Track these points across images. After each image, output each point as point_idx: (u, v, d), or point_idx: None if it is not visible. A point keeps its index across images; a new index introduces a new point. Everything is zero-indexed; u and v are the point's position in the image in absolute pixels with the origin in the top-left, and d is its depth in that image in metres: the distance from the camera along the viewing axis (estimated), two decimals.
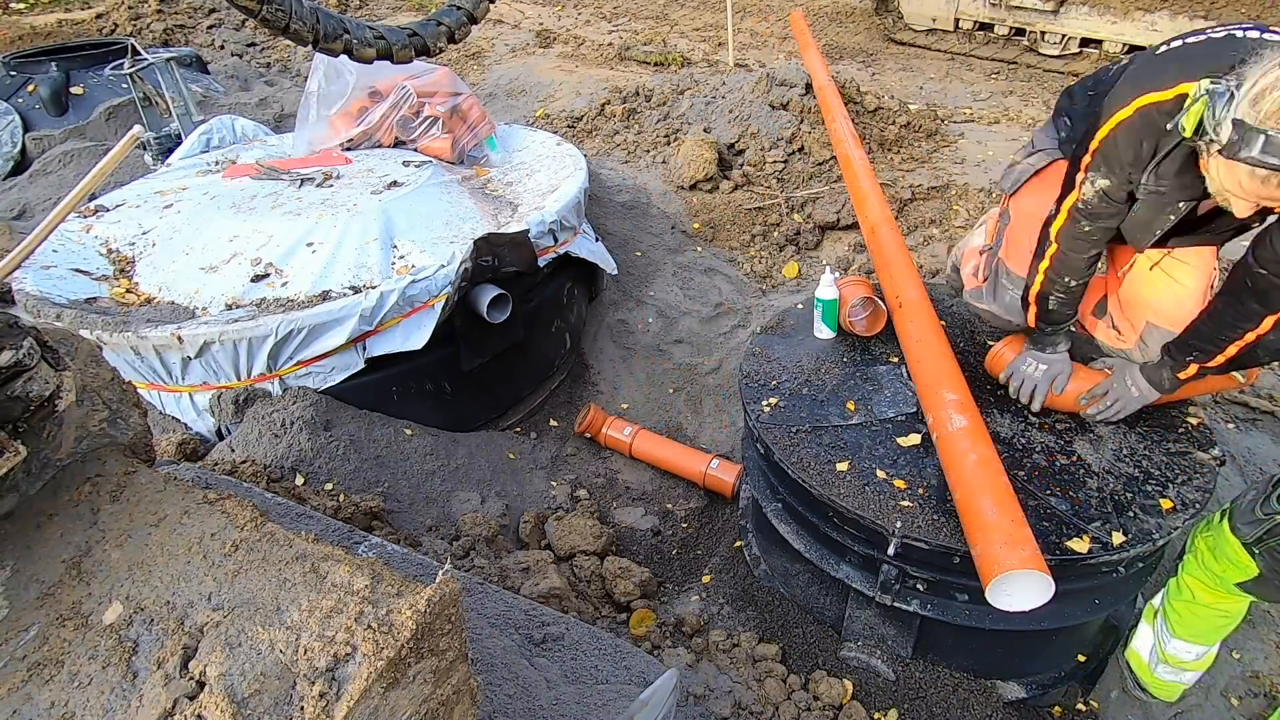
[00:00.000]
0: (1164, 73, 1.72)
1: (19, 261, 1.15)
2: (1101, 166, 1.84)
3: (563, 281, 3.53)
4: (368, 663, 0.89)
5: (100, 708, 0.92)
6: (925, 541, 1.92)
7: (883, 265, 2.84)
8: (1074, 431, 2.24)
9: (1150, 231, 1.86)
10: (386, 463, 2.79)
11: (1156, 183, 1.77)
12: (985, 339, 2.62)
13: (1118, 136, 1.77)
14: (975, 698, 2.21)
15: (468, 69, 7.63)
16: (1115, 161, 1.81)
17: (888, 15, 7.90)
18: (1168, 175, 1.74)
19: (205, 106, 5.46)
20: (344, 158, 3.59)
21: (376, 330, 2.71)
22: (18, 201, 4.82)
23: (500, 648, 1.64)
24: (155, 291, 2.84)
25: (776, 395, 2.43)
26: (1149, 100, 1.70)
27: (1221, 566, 2.01)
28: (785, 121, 5.01)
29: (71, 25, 8.04)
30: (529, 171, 3.76)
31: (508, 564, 2.54)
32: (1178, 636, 2.18)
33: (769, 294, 4.34)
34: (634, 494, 3.28)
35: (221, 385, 2.68)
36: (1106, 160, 1.82)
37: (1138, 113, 1.72)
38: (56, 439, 1.09)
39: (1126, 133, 1.76)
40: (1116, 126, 1.77)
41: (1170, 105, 1.67)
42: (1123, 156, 1.79)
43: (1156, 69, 1.75)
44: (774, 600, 2.55)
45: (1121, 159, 1.80)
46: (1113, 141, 1.79)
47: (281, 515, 1.94)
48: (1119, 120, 1.76)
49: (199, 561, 1.05)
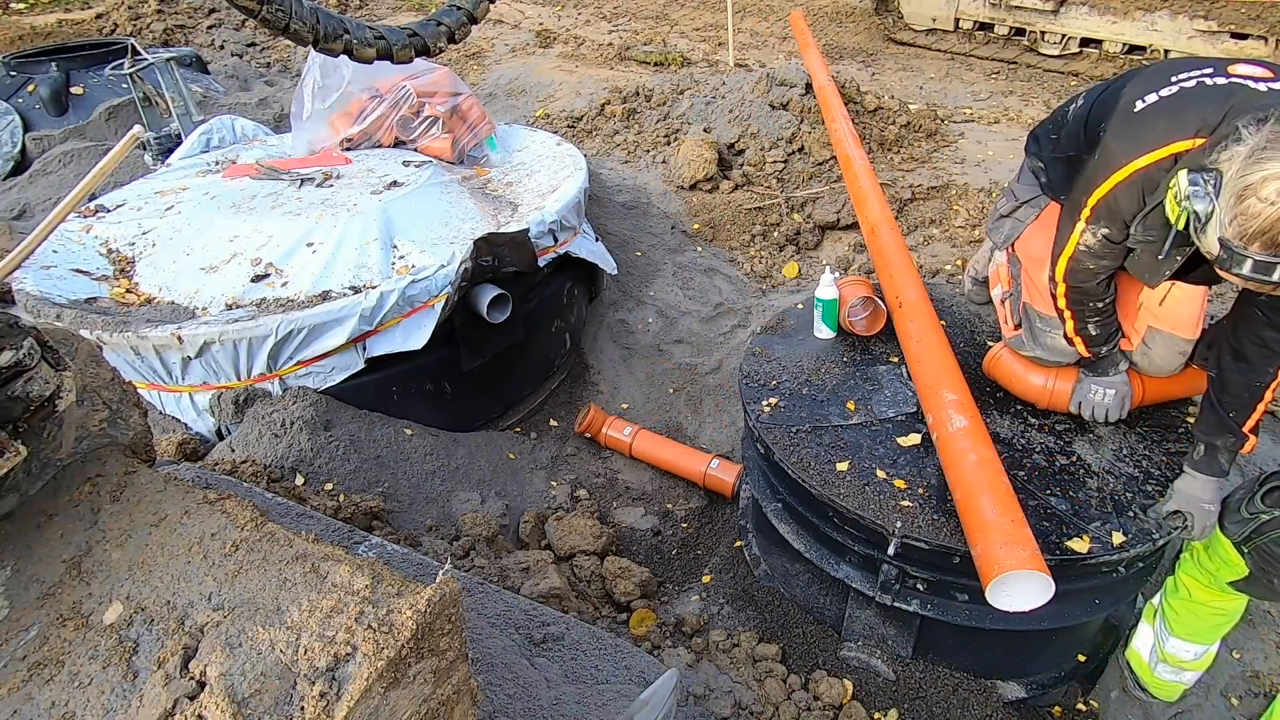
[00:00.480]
0: (1152, 130, 1.71)
1: (19, 261, 1.15)
2: (1102, 220, 1.84)
3: (563, 281, 3.53)
4: (368, 663, 0.89)
5: (101, 708, 0.92)
6: (925, 541, 1.92)
7: (883, 265, 2.84)
8: (1074, 431, 2.25)
9: (1160, 273, 1.85)
10: (386, 463, 2.79)
11: (1145, 233, 1.77)
12: (985, 339, 2.62)
13: (1117, 195, 1.77)
14: (975, 698, 2.21)
15: (468, 69, 7.64)
16: (1117, 216, 1.81)
17: (888, 15, 7.90)
18: (1155, 226, 1.74)
19: (205, 106, 5.46)
20: (344, 158, 3.59)
21: (376, 330, 2.71)
22: (18, 201, 4.82)
23: (500, 647, 1.64)
24: (155, 291, 2.84)
25: (776, 395, 2.43)
26: (1145, 163, 1.70)
27: (1215, 565, 2.01)
28: (785, 121, 5.01)
29: (71, 25, 8.04)
30: (529, 171, 3.76)
31: (508, 564, 2.54)
32: (1176, 635, 2.18)
33: (769, 294, 4.34)
34: (634, 494, 3.28)
35: (221, 385, 2.68)
36: (1109, 214, 1.82)
37: (1137, 173, 1.72)
38: (57, 439, 1.09)
39: (1126, 190, 1.76)
40: (1115, 187, 1.76)
41: (1167, 163, 1.67)
42: (1124, 212, 1.79)
43: (1144, 127, 1.74)
44: (774, 600, 2.55)
45: (1124, 214, 1.80)
46: (1113, 199, 1.79)
47: (282, 515, 1.94)
48: (1116, 182, 1.75)
49: (199, 561, 1.05)
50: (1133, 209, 1.77)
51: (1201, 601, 2.10)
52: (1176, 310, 2.08)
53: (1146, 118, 1.74)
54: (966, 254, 4.36)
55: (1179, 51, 6.28)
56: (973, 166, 5.03)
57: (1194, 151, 1.61)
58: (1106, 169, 1.78)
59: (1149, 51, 6.49)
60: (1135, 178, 1.72)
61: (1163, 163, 1.68)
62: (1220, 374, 1.90)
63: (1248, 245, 1.43)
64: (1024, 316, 2.29)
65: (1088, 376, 2.23)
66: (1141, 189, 1.73)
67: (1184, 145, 1.64)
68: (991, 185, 4.75)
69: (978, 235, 4.46)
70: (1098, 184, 1.80)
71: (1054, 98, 6.40)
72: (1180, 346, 2.10)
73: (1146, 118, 1.74)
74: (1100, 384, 2.20)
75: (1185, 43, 6.23)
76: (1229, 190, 1.44)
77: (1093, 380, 2.21)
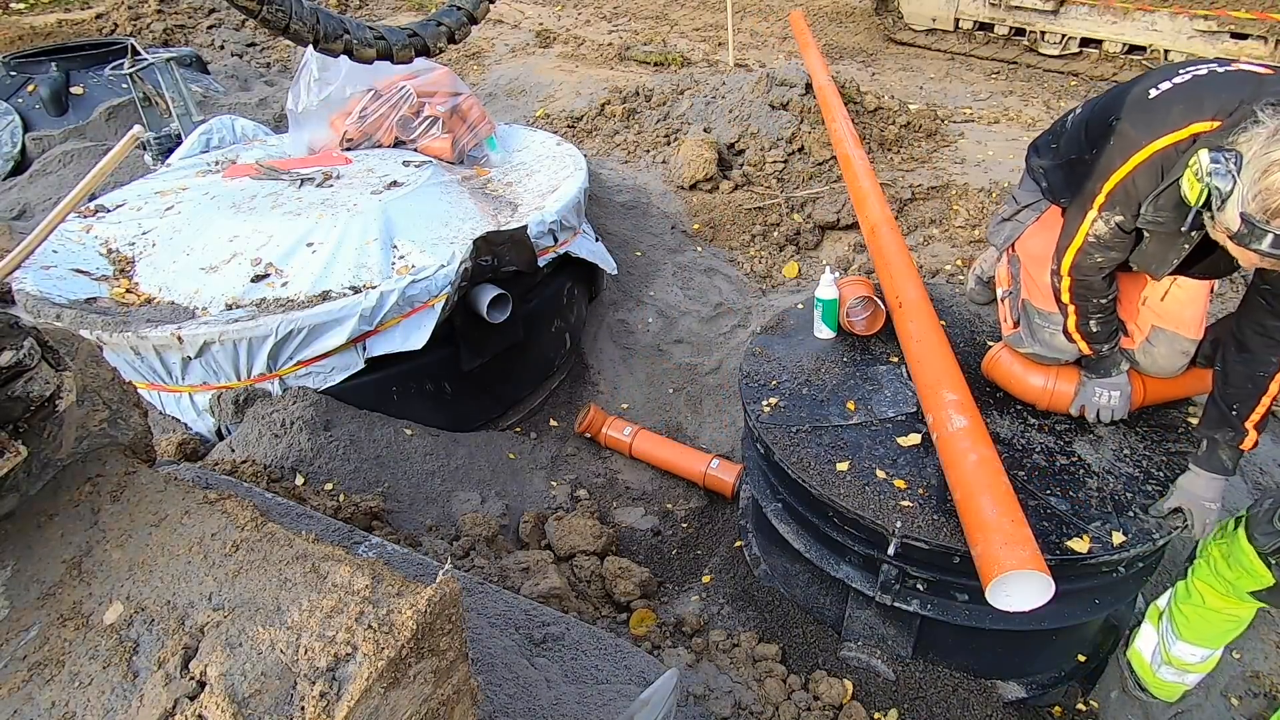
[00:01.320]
0: (1169, 113, 1.74)
1: (19, 261, 1.15)
2: (1117, 205, 1.85)
3: (563, 281, 3.53)
4: (368, 663, 0.89)
5: (101, 708, 0.92)
6: (925, 541, 1.92)
7: (883, 265, 2.84)
8: (1074, 431, 2.25)
9: (1167, 262, 1.87)
10: (386, 463, 2.79)
11: (1155, 213, 1.79)
12: (985, 339, 2.62)
13: (1135, 178, 1.79)
14: (975, 698, 2.21)
15: (468, 69, 7.64)
16: (1134, 199, 1.82)
17: (888, 15, 7.91)
18: (1167, 207, 1.76)
19: (205, 106, 5.46)
20: (344, 158, 3.59)
21: (376, 330, 2.71)
22: (18, 201, 4.82)
23: (500, 647, 1.64)
24: (155, 291, 2.84)
25: (776, 395, 2.43)
26: (1165, 144, 1.72)
27: (1235, 574, 2.00)
28: (785, 121, 5.01)
29: (71, 25, 8.05)
30: (529, 171, 3.77)
31: (508, 564, 2.54)
32: (1184, 639, 2.17)
33: (769, 294, 4.34)
34: (634, 494, 3.28)
35: (221, 385, 2.68)
36: (1125, 199, 1.83)
37: (1156, 154, 1.74)
38: (57, 439, 1.09)
39: (1146, 171, 1.77)
40: (1134, 169, 1.78)
41: (1185, 144, 1.70)
42: (1142, 193, 1.81)
43: (1161, 111, 1.76)
44: (774, 600, 2.55)
45: (1141, 195, 1.81)
46: (1131, 182, 1.80)
47: (282, 515, 1.94)
48: (1136, 163, 1.77)
49: (199, 561, 1.05)
50: (1150, 190, 1.79)
51: (1215, 609, 2.09)
52: (1180, 311, 2.08)
53: (1163, 102, 1.77)
54: (966, 254, 4.36)
55: (1179, 51, 6.29)
56: (973, 166, 5.03)
57: (1212, 133, 1.64)
58: (1124, 153, 1.79)
59: (1149, 51, 6.49)
60: (1155, 159, 1.75)
61: (1182, 143, 1.70)
62: (1224, 366, 1.91)
63: (1270, 220, 1.48)
64: (1022, 313, 2.29)
65: (1090, 379, 2.23)
66: (1161, 169, 1.75)
67: (1203, 126, 1.67)
68: (991, 185, 4.76)
69: (978, 235, 4.46)
70: (1114, 169, 1.81)
71: (1054, 98, 6.40)
72: (1183, 346, 2.11)
73: (1163, 102, 1.77)
74: (1104, 385, 2.20)
75: (1185, 43, 6.23)
76: (1253, 167, 1.50)
77: (1096, 382, 2.21)
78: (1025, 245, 2.29)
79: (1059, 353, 2.21)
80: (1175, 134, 1.71)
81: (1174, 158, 1.72)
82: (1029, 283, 2.26)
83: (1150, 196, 1.78)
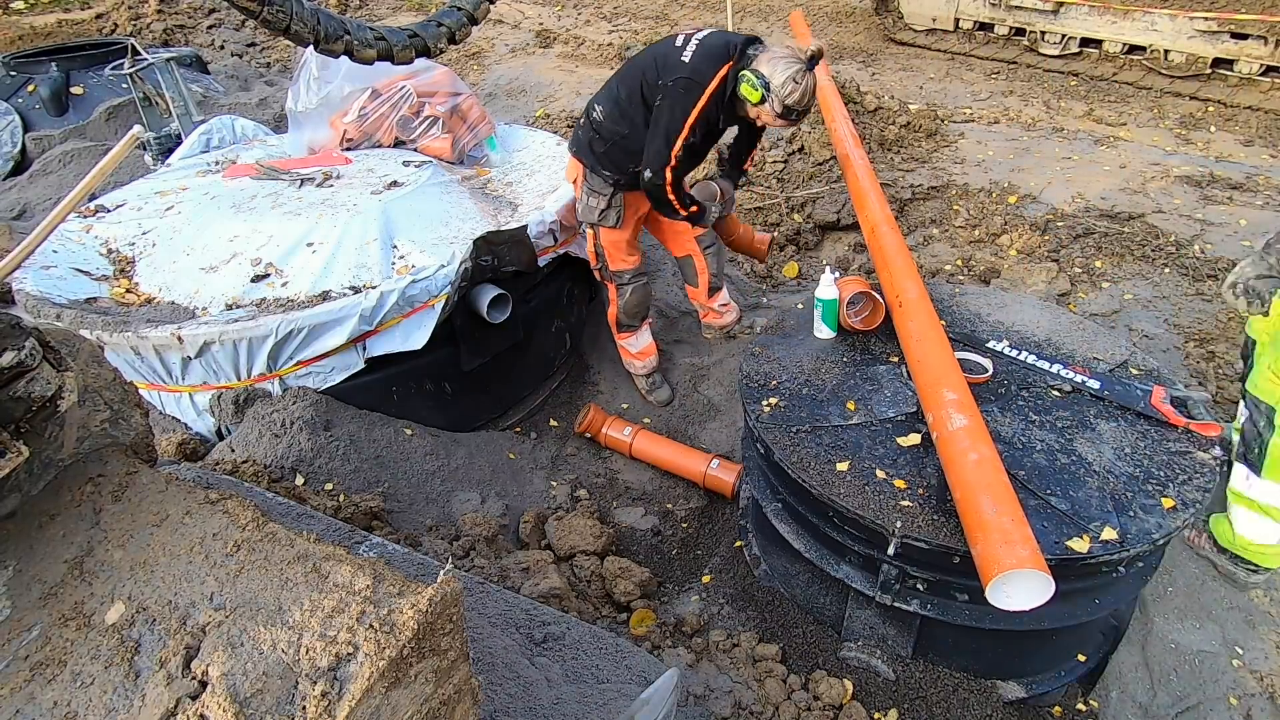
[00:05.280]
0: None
1: (19, 261, 1.16)
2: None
3: (563, 281, 3.54)
4: (370, 662, 0.90)
5: (103, 707, 0.92)
6: (925, 541, 1.93)
7: (883, 265, 2.84)
8: (1075, 430, 2.25)
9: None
10: (386, 463, 2.79)
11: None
12: (985, 339, 2.62)
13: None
14: (975, 698, 2.21)
15: (468, 69, 7.64)
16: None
17: (888, 15, 7.91)
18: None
19: (205, 106, 5.47)
20: (344, 158, 3.59)
21: (376, 330, 2.71)
22: (18, 201, 4.83)
23: (501, 647, 1.64)
24: (155, 291, 2.84)
25: (776, 395, 2.43)
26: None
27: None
28: None
29: (71, 25, 8.05)
30: (529, 171, 3.77)
31: (508, 564, 2.54)
32: (1268, 478, 2.35)
33: (769, 294, 4.34)
34: (634, 494, 3.28)
35: (221, 385, 2.68)
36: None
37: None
38: (58, 439, 1.09)
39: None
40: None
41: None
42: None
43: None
44: (774, 600, 2.55)
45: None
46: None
47: (282, 515, 1.94)
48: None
49: (201, 561, 1.05)
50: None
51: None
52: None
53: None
54: (966, 254, 4.35)
55: (1179, 51, 6.29)
56: (973, 166, 5.03)
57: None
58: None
59: (1149, 51, 6.50)
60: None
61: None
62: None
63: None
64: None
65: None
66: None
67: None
68: (991, 185, 4.76)
69: (978, 235, 4.47)
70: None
71: (1054, 98, 6.40)
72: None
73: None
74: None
75: (1185, 42, 6.24)
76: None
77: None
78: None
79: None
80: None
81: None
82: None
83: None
